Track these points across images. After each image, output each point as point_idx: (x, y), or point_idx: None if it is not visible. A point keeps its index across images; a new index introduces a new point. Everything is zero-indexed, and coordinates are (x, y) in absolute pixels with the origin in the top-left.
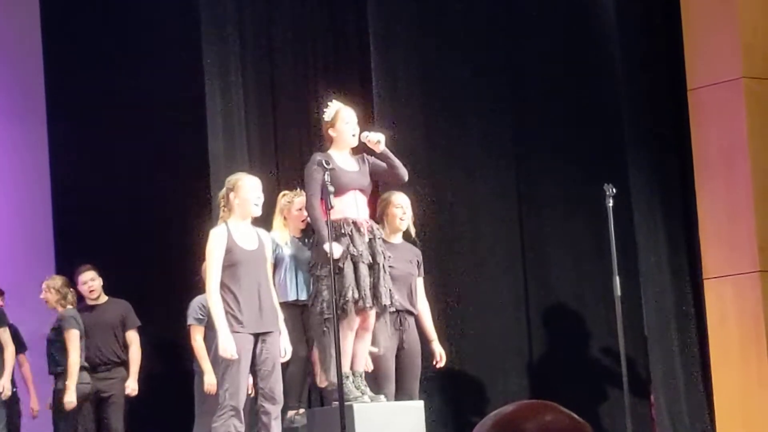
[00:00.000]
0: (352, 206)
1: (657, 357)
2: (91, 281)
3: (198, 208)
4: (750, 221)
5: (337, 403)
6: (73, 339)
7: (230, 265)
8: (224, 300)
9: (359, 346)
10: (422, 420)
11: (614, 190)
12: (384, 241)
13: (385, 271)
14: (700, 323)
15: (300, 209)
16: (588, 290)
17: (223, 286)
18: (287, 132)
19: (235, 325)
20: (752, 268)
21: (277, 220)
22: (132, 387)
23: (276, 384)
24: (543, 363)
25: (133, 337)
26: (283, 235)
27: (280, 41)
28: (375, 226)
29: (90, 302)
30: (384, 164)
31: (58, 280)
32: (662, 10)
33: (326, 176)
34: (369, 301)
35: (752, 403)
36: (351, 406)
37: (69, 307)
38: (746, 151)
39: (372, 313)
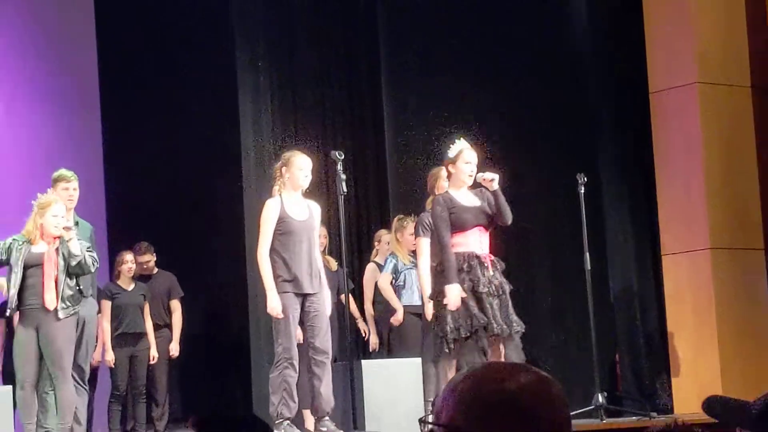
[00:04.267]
0: (476, 242)
1: (622, 321)
2: (149, 261)
3: (230, 197)
4: (702, 206)
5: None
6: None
7: (282, 233)
8: (274, 264)
9: None
10: (420, 374)
11: (585, 179)
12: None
13: (503, 298)
14: (659, 293)
15: (411, 234)
16: (562, 264)
17: (275, 251)
18: (305, 128)
19: (285, 286)
20: (704, 245)
21: (393, 238)
22: (174, 348)
23: (325, 338)
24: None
25: (176, 306)
26: (402, 253)
27: (300, 68)
28: (498, 263)
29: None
30: (494, 200)
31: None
32: (628, 21)
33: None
34: (495, 330)
35: (702, 362)
36: (360, 362)
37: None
38: (700, 147)
39: (497, 340)
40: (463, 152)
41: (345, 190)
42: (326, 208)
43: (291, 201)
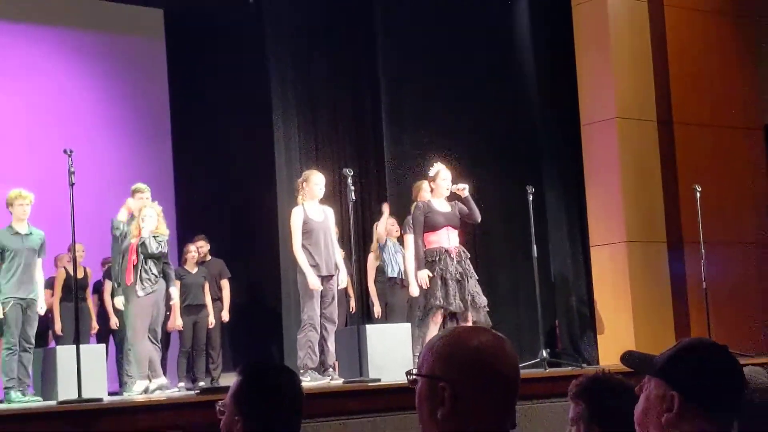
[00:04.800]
0: (445, 238)
1: (559, 296)
2: (202, 247)
3: (268, 204)
4: (619, 211)
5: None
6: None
7: (306, 231)
8: (305, 253)
9: None
10: (409, 338)
11: (533, 189)
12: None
13: (470, 281)
14: (588, 274)
15: (392, 225)
16: (516, 253)
17: (303, 246)
18: (323, 152)
19: (312, 269)
20: (621, 239)
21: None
22: (225, 316)
23: (334, 310)
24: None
25: (225, 284)
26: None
27: (318, 107)
28: (465, 253)
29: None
30: (465, 207)
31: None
32: (565, 66)
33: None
34: (456, 307)
35: (620, 327)
36: (365, 327)
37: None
38: (618, 167)
39: (466, 312)
40: (440, 172)
41: (353, 198)
42: (339, 211)
43: (311, 207)
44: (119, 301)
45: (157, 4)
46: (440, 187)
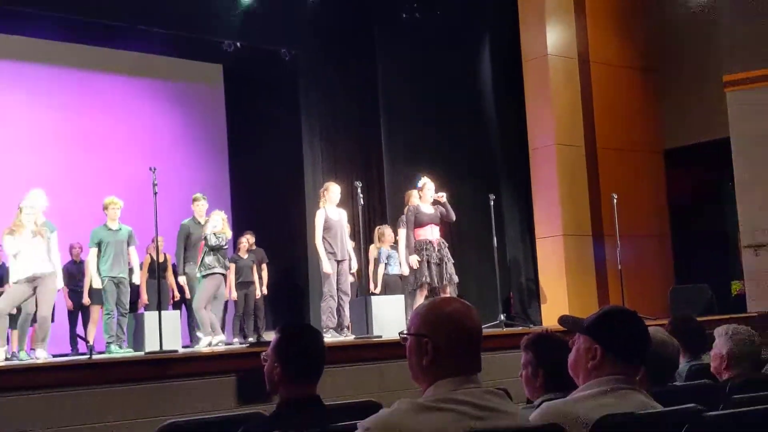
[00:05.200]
0: (429, 233)
1: (514, 275)
2: (250, 239)
3: (298, 208)
4: (558, 211)
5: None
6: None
7: (327, 227)
8: (325, 244)
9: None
10: (403, 307)
11: (494, 197)
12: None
13: (449, 264)
14: (534, 260)
15: (389, 235)
16: (481, 244)
17: (324, 238)
18: (340, 168)
19: (330, 256)
20: (559, 233)
21: (377, 240)
22: (265, 291)
23: (347, 285)
24: (460, 279)
25: (265, 267)
26: (385, 245)
27: (336, 136)
28: (444, 243)
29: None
30: (443, 209)
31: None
32: (517, 101)
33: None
34: (436, 283)
35: (558, 298)
36: (370, 298)
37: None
38: (556, 180)
39: (445, 286)
40: (426, 183)
41: (362, 202)
42: (350, 212)
43: (330, 210)
44: (183, 280)
45: (217, 60)
46: (426, 194)
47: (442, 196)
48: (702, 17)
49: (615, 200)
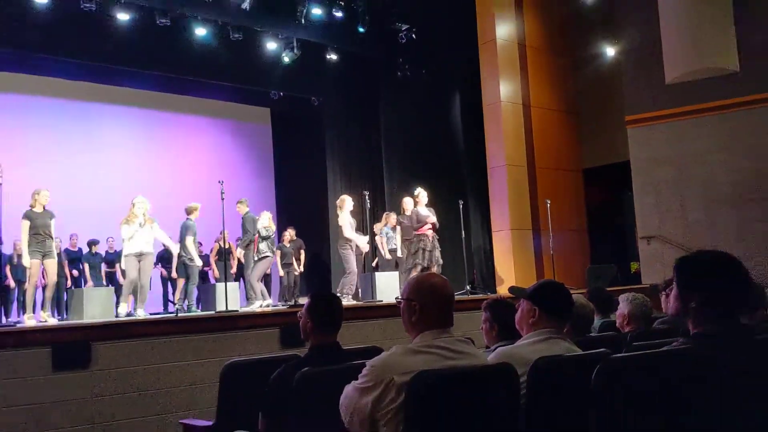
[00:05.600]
0: (427, 229)
1: (477, 259)
2: (291, 233)
3: (323, 212)
4: (506, 212)
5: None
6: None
7: (349, 224)
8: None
9: None
10: (397, 280)
11: (462, 202)
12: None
13: (436, 251)
14: (491, 246)
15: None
16: (454, 238)
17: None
18: (354, 183)
19: (349, 243)
20: (508, 228)
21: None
22: (301, 270)
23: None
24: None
25: (302, 253)
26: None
27: (350, 160)
28: (435, 236)
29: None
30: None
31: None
32: (480, 134)
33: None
34: (426, 264)
35: (508, 275)
36: (375, 273)
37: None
38: (506, 190)
39: (431, 266)
40: (420, 192)
41: (368, 206)
42: (360, 212)
43: (348, 215)
44: (240, 253)
45: (266, 105)
46: (420, 201)
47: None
48: (609, 73)
49: (548, 204)
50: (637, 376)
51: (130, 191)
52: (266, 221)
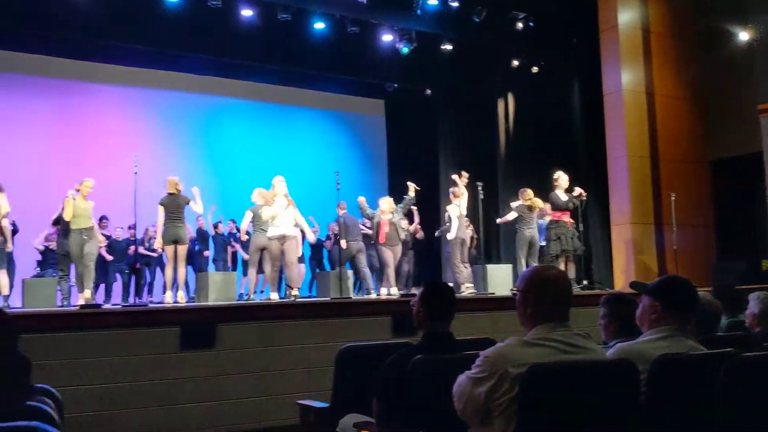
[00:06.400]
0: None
1: (595, 253)
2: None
3: (435, 198)
4: (628, 205)
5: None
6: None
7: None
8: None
9: None
10: (510, 274)
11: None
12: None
13: (574, 239)
14: (610, 241)
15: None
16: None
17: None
18: (469, 174)
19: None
20: (628, 221)
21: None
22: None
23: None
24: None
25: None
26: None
27: (463, 146)
28: (573, 222)
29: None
30: (576, 201)
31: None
32: (599, 121)
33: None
34: (568, 254)
35: (628, 269)
36: (487, 266)
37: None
38: (627, 184)
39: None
40: (560, 176)
41: (481, 196)
42: (472, 203)
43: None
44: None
45: (381, 97)
46: (561, 184)
47: (583, 194)
48: (740, 59)
49: (673, 198)
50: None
51: (249, 181)
52: (384, 206)
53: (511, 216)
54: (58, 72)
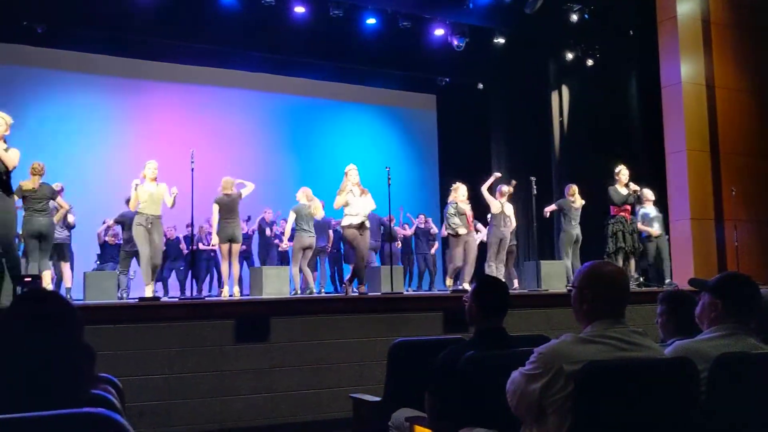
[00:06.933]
0: (623, 210)
1: (652, 249)
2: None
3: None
4: (687, 200)
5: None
6: None
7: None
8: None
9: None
10: (563, 269)
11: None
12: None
13: (633, 234)
14: (668, 237)
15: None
16: None
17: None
18: (519, 167)
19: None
20: (687, 217)
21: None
22: None
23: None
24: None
25: None
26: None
27: (515, 140)
28: (633, 219)
29: None
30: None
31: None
32: (657, 114)
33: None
34: (627, 248)
35: (686, 266)
36: (540, 262)
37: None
38: (686, 179)
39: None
40: (621, 170)
41: (535, 192)
42: (526, 199)
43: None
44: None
45: (432, 92)
46: (621, 178)
47: (638, 189)
48: None
49: (733, 192)
50: None
51: (297, 178)
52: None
53: (551, 208)
54: (120, 70)
